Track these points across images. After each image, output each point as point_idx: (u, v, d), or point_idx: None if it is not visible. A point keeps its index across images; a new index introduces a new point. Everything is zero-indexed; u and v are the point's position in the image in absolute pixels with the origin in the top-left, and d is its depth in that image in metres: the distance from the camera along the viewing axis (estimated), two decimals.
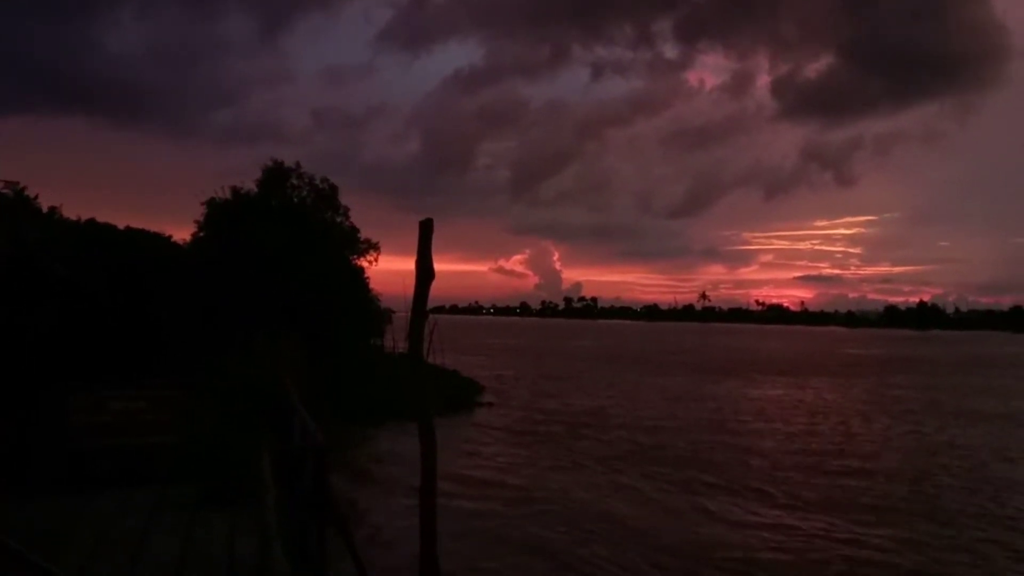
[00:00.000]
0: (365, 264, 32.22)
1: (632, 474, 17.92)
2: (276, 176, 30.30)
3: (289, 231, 27.11)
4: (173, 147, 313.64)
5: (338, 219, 31.35)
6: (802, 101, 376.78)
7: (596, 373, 46.57)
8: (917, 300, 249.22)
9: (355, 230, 31.81)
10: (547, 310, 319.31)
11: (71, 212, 23.36)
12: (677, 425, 25.56)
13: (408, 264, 6.76)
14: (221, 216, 28.03)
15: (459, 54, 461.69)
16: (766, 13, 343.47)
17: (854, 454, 20.85)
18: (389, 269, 47.18)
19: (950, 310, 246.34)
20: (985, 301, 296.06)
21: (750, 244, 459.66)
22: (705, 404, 31.46)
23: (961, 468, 19.21)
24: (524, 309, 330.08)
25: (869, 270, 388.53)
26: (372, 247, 32.21)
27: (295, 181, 30.63)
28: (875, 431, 25.28)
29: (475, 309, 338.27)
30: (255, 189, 29.79)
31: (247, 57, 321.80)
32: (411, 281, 6.66)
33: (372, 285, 33.61)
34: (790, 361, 63.59)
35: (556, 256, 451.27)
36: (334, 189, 31.28)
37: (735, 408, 30.46)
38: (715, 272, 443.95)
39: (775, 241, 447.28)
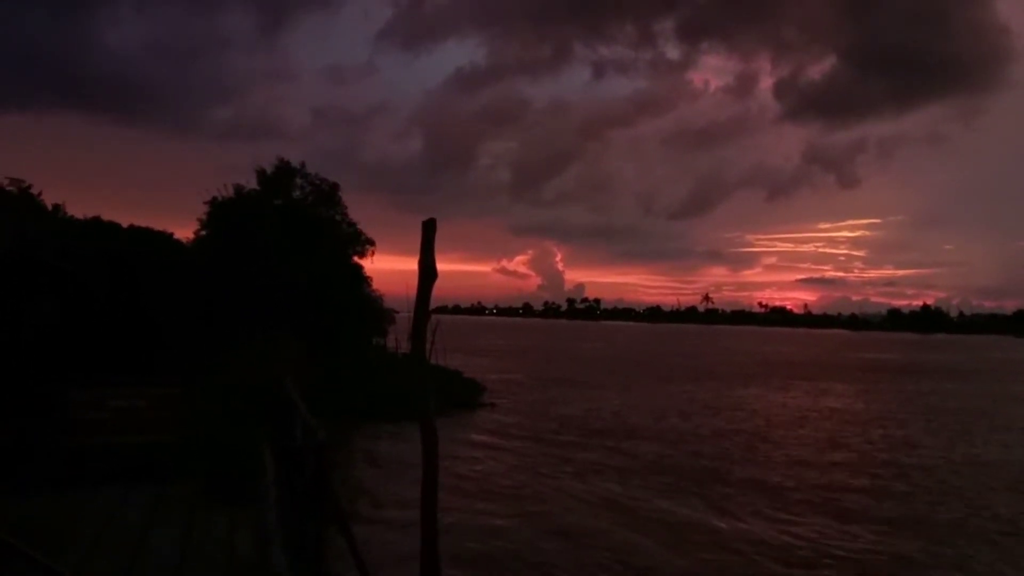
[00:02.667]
0: (363, 262, 32.31)
1: (651, 488, 16.66)
2: (280, 175, 30.39)
3: (290, 230, 27.20)
4: (173, 144, 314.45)
5: (337, 217, 31.43)
6: (805, 103, 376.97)
7: (607, 378, 44.94)
8: (920, 303, 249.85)
9: (353, 225, 31.86)
10: (550, 311, 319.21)
11: (73, 209, 23.46)
12: (706, 435, 24.09)
13: (410, 264, 6.75)
14: (223, 215, 28.11)
15: (460, 53, 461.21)
16: (769, 15, 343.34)
17: (915, 474, 18.91)
18: (391, 269, 47.12)
19: (953, 313, 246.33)
20: (988, 305, 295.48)
21: (753, 246, 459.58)
22: (731, 413, 29.85)
23: None
24: (527, 310, 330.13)
25: (872, 273, 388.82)
26: (368, 242, 32.25)
27: (299, 180, 30.74)
28: (922, 442, 23.67)
29: (478, 309, 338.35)
30: (257, 187, 29.88)
31: (247, 54, 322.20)
32: (414, 281, 6.65)
33: (375, 285, 33.69)
34: (807, 366, 61.64)
35: (559, 257, 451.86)
36: (335, 187, 31.37)
37: (766, 418, 28.62)
38: (718, 274, 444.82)
39: (778, 243, 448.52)
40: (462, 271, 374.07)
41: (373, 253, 32.48)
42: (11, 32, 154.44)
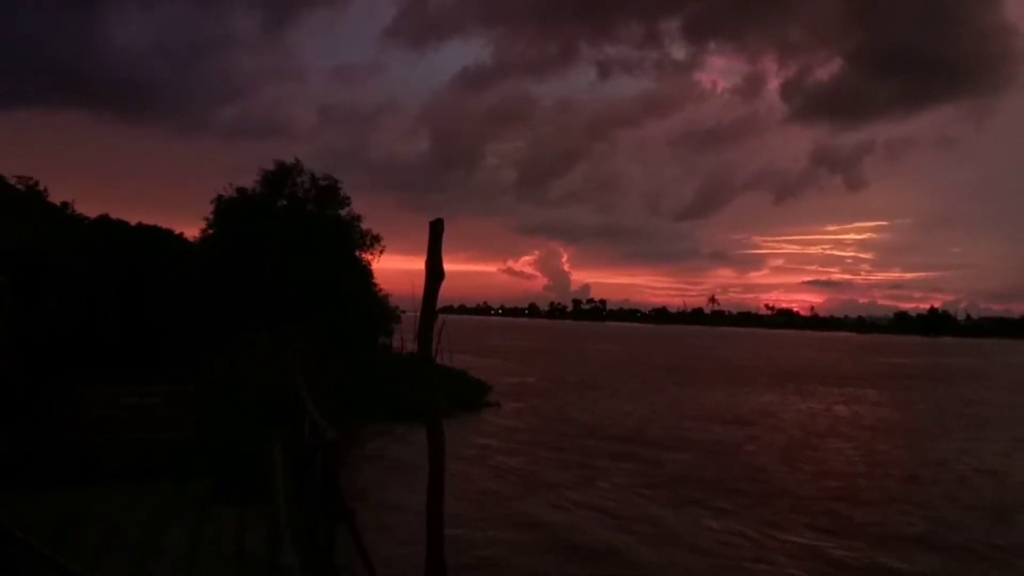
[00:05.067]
0: (369, 258, 32.34)
1: (673, 503, 15.08)
2: (279, 176, 30.54)
3: (294, 229, 27.35)
4: (180, 142, 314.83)
5: (341, 212, 31.49)
6: (812, 104, 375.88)
7: (624, 381, 43.31)
8: (928, 306, 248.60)
9: (357, 218, 31.87)
10: (555, 312, 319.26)
11: (80, 207, 23.66)
12: (737, 444, 22.53)
13: (416, 263, 6.81)
14: (228, 215, 28.31)
15: (467, 51, 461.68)
16: (776, 14, 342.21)
17: (984, 491, 17.14)
18: (398, 268, 46.94)
19: (961, 317, 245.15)
20: (996, 308, 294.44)
21: (760, 248, 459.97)
22: (760, 420, 28.12)
23: None
24: (532, 310, 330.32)
25: (880, 275, 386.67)
26: (375, 240, 32.25)
27: (299, 180, 30.87)
28: (978, 454, 21.91)
29: (484, 310, 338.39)
30: (259, 188, 30.07)
31: (254, 53, 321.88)
32: (420, 281, 6.70)
33: (381, 284, 33.75)
34: (828, 371, 58.13)
35: (565, 257, 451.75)
36: (334, 183, 31.44)
37: (800, 427, 26.68)
38: (724, 276, 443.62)
39: (785, 245, 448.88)
40: (468, 271, 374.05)
41: (382, 251, 32.50)
42: (17, 30, 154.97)
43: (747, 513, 14.53)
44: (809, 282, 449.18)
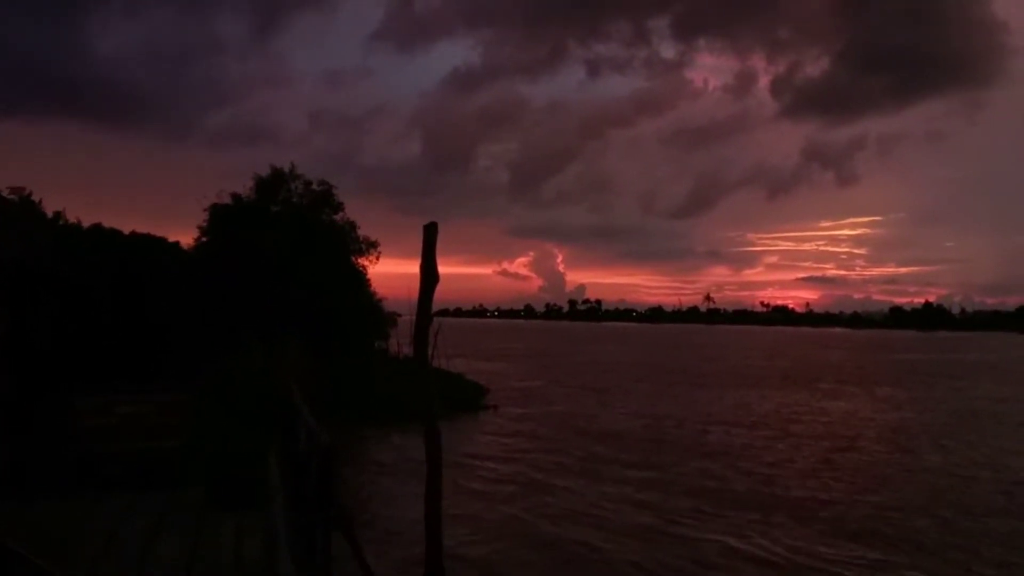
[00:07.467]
0: (366, 263, 32.41)
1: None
2: (274, 181, 30.57)
3: (290, 234, 27.36)
4: (169, 149, 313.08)
5: (335, 216, 31.54)
6: (803, 100, 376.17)
7: (634, 384, 41.99)
8: (923, 301, 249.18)
9: (352, 225, 31.93)
10: (551, 313, 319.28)
11: (71, 215, 23.63)
12: (769, 450, 21.56)
13: (411, 267, 6.82)
14: (223, 222, 28.33)
15: (456, 53, 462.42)
16: (765, 12, 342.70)
17: None
18: (393, 272, 46.75)
19: (956, 311, 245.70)
20: (991, 302, 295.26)
21: (754, 245, 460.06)
22: (793, 422, 27.19)
23: None
24: (528, 312, 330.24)
25: (874, 271, 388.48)
26: (372, 246, 32.35)
27: (293, 185, 30.90)
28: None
29: (480, 312, 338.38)
30: (254, 195, 30.10)
31: (241, 59, 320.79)
32: (415, 284, 6.71)
33: (376, 288, 33.80)
34: (840, 368, 57.49)
35: (559, 258, 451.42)
36: (329, 188, 31.50)
37: (836, 432, 25.28)
38: (719, 273, 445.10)
39: (780, 242, 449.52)
40: (463, 273, 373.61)
41: (378, 257, 32.57)
42: (3, 40, 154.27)
43: (788, 531, 13.47)
44: (804, 278, 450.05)
